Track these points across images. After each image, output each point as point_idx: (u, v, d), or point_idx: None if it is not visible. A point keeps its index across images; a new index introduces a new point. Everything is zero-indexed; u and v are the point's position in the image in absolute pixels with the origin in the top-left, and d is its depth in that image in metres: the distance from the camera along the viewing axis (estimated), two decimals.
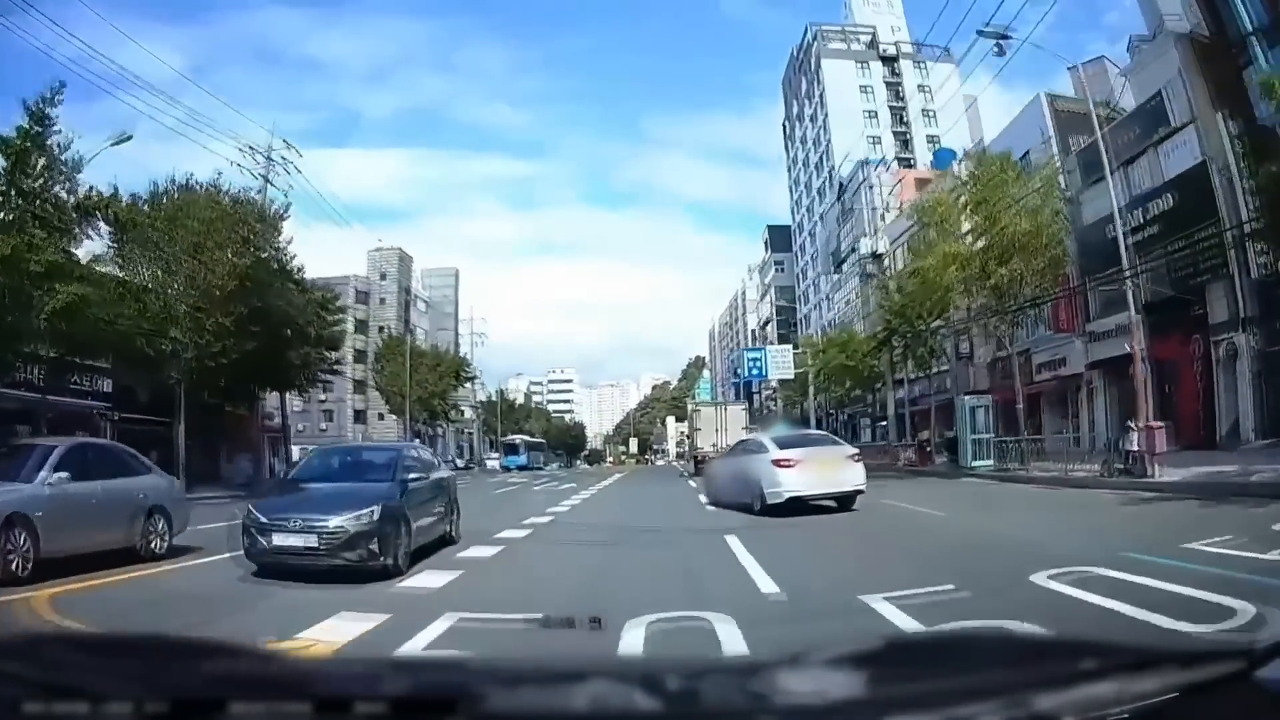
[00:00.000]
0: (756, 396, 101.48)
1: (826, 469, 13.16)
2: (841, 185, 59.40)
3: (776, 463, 13.04)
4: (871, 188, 49.92)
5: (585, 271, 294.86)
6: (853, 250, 55.23)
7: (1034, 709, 1.11)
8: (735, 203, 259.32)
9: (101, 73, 76.99)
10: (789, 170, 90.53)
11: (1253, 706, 1.26)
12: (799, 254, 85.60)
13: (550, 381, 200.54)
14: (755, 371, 47.36)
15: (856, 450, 14.55)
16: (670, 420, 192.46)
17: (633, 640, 4.87)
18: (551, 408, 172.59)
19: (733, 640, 4.88)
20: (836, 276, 60.94)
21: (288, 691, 1.20)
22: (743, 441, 18.01)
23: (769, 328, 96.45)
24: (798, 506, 12.58)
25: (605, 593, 7.19)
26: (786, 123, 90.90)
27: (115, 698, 1.08)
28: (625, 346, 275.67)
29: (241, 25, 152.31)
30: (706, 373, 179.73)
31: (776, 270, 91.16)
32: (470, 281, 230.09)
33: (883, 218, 53.01)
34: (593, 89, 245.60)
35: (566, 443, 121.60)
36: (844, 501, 13.30)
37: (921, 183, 51.90)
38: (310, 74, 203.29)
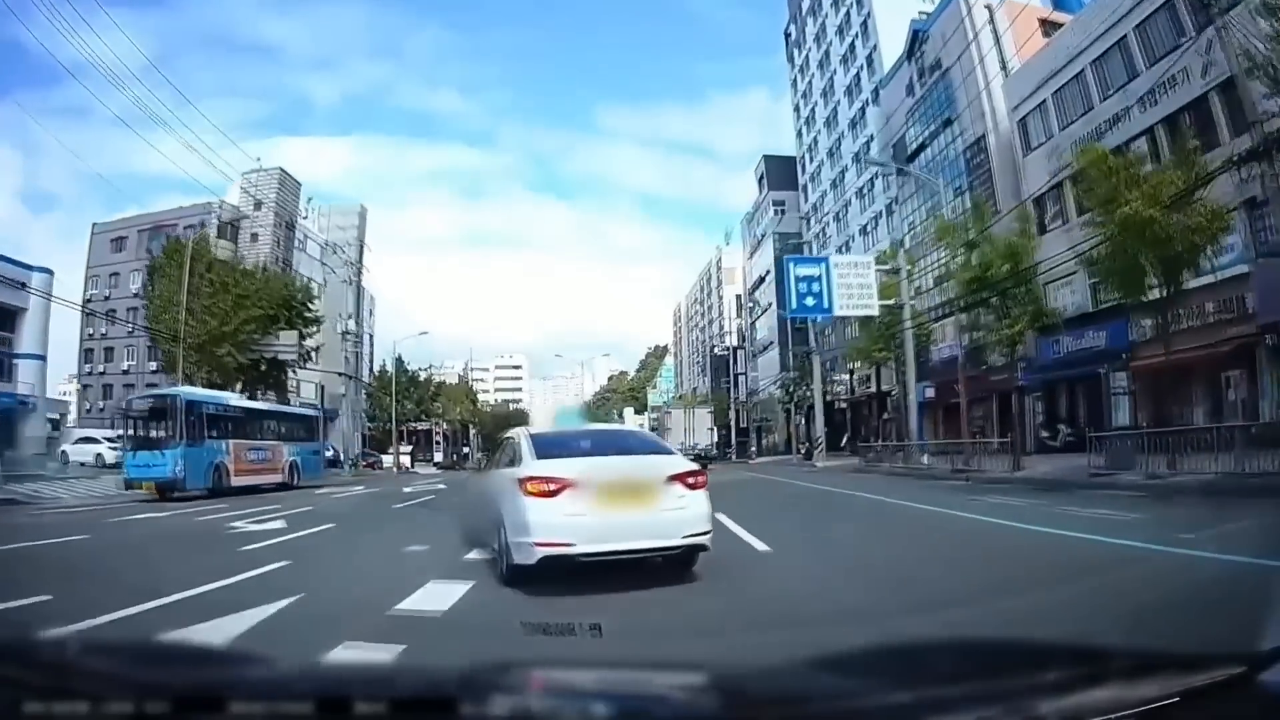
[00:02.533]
0: (744, 380, 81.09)
1: (628, 499, 6.30)
2: (916, 35, 38.43)
3: (526, 485, 6.23)
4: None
5: (539, 263, 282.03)
6: (946, 123, 34.50)
7: (1035, 714, 1.10)
8: (698, 200, 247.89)
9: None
10: (793, 87, 69.73)
11: (1254, 710, 1.23)
12: (808, 189, 64.86)
13: (498, 368, 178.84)
14: (811, 304, 26.17)
15: (692, 464, 6.86)
16: (629, 412, 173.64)
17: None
18: (500, 396, 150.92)
19: None
20: (901, 182, 40.01)
21: (288, 692, 1.18)
22: (507, 438, 8.60)
23: (762, 290, 75.73)
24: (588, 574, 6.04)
25: None
26: (792, 26, 70.29)
27: (115, 698, 1.07)
28: (581, 341, 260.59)
29: (192, 9, 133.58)
30: (669, 360, 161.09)
31: (776, 212, 70.19)
32: (421, 273, 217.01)
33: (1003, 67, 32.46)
34: (545, 78, 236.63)
35: None
36: (677, 563, 6.61)
37: (1049, 24, 32.44)
38: (260, 60, 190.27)
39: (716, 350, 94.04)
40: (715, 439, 68.20)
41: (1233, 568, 6.07)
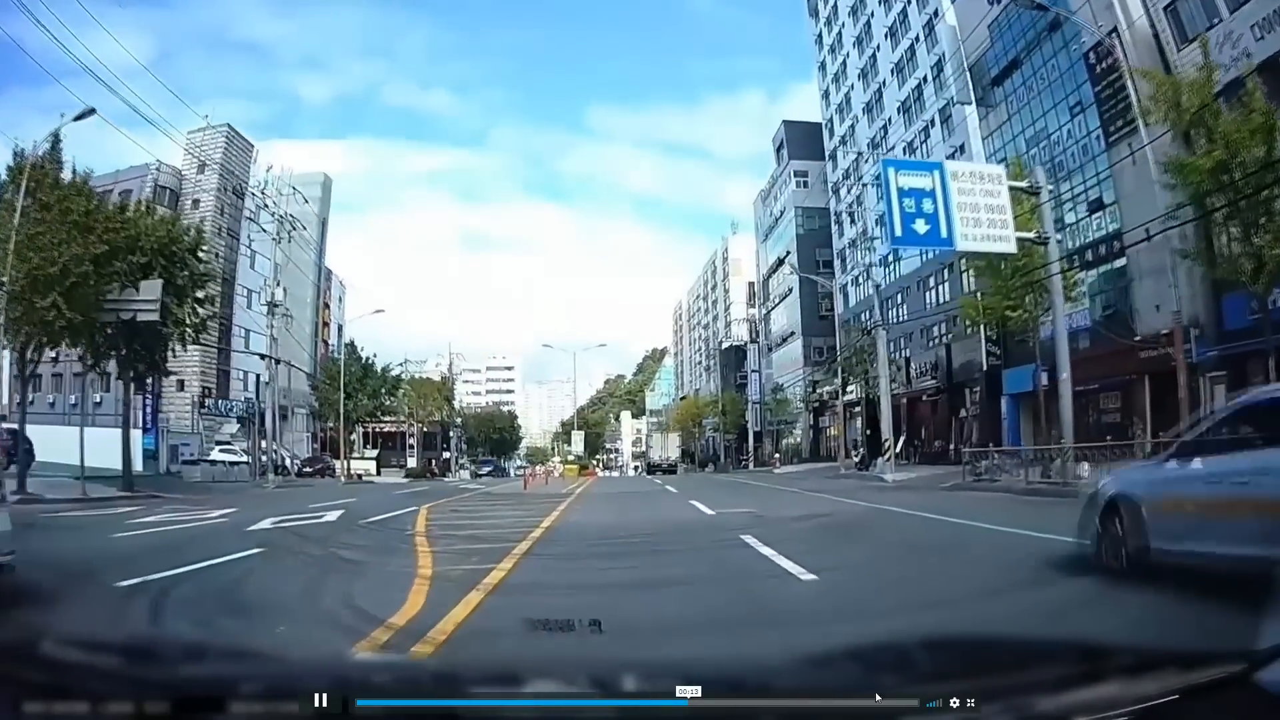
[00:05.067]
0: (758, 377, 72.51)
1: None
2: None
3: None
4: None
5: (535, 267, 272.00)
6: (1053, 26, 26.00)
7: (1034, 711, 1.11)
8: (695, 203, 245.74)
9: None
10: (818, 42, 61.29)
11: (1253, 708, 1.23)
12: (838, 155, 56.39)
13: (489, 369, 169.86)
14: (922, 232, 17.29)
15: None
16: (626, 415, 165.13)
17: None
18: (491, 399, 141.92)
19: None
20: (983, 113, 31.51)
21: (288, 691, 1.17)
22: None
23: (777, 278, 67.40)
24: None
25: None
26: None
27: (115, 697, 1.06)
28: (577, 346, 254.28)
29: (183, 9, 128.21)
30: (669, 360, 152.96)
31: (799, 184, 61.70)
32: (414, 275, 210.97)
33: None
34: (537, 77, 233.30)
35: (491, 438, 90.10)
36: None
37: None
38: (251, 61, 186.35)
39: (725, 345, 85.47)
40: (680, 455, 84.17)
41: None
